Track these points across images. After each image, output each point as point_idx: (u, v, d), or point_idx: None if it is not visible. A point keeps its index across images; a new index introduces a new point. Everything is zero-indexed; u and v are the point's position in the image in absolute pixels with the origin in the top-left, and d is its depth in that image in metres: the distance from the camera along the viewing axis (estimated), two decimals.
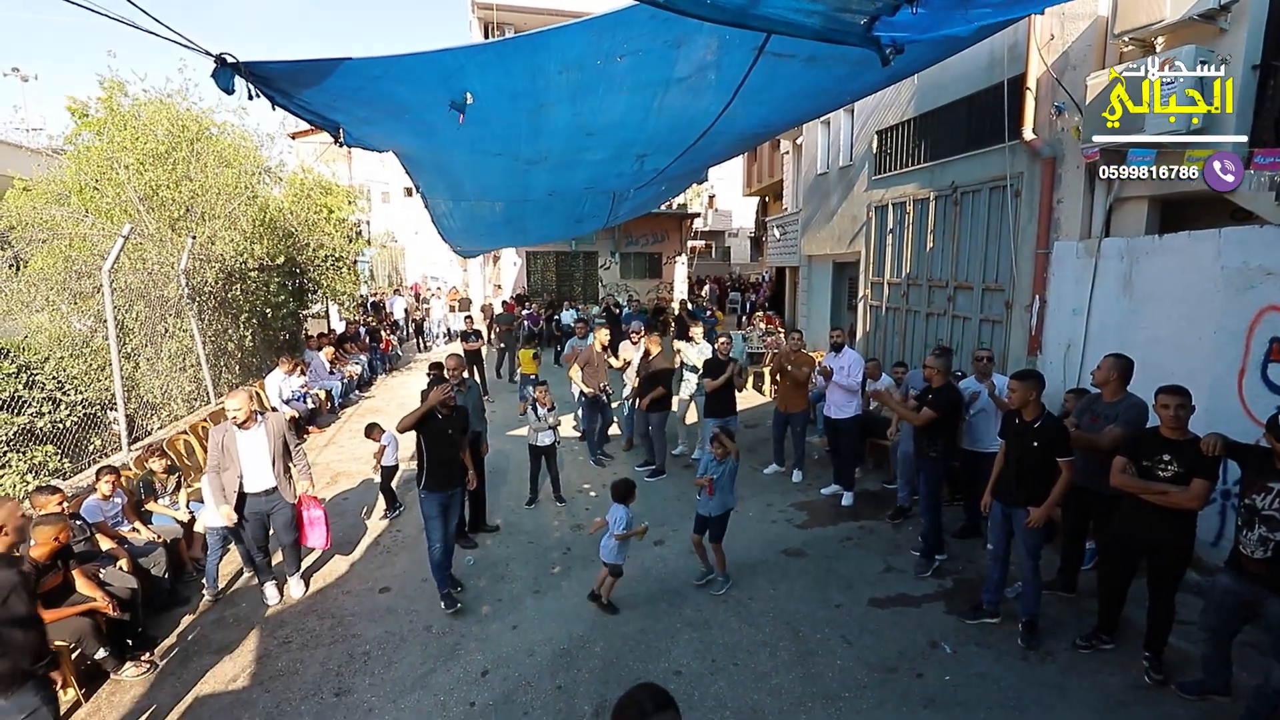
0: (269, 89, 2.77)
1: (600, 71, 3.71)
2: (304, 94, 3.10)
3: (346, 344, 12.99)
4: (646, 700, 1.57)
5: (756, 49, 3.71)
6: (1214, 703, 3.29)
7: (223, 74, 2.44)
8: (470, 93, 3.48)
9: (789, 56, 3.93)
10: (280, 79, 2.84)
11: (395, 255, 27.61)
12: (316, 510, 4.81)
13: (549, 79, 3.72)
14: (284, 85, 2.92)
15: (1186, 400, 3.35)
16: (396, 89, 3.42)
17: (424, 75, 3.33)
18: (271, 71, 2.72)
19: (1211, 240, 4.61)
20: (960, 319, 7.79)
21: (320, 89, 3.11)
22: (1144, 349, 5.01)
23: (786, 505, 6.15)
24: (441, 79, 3.39)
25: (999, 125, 6.64)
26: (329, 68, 2.90)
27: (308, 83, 3.03)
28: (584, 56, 3.51)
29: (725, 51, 3.73)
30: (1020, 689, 3.52)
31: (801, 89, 4.70)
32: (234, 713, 3.53)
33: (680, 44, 3.54)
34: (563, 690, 3.62)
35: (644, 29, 3.27)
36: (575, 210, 7.44)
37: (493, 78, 3.50)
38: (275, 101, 2.87)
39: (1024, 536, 3.83)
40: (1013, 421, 3.95)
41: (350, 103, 3.46)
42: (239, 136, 9.81)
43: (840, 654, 3.86)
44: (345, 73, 2.98)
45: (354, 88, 3.24)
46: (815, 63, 4.14)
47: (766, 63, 3.89)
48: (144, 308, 7.37)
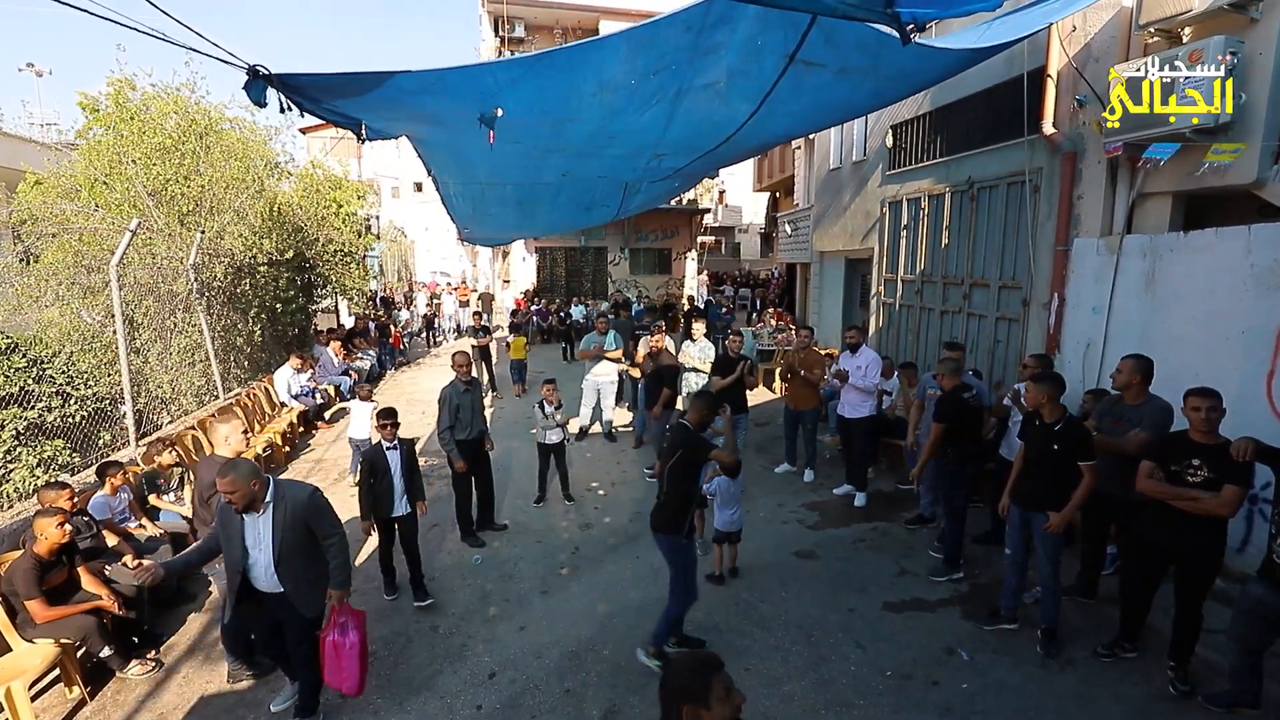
0: (300, 98, 2.74)
1: (634, 90, 3.64)
2: (335, 101, 3.07)
3: (356, 339, 13.00)
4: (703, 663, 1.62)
5: (787, 57, 3.60)
6: (1242, 715, 3.18)
7: (255, 86, 2.40)
8: (502, 108, 3.43)
9: (819, 66, 3.81)
10: (312, 89, 2.80)
11: (405, 250, 27.65)
12: (352, 633, 3.19)
13: (583, 100, 3.67)
14: (315, 94, 2.88)
15: (1218, 403, 3.24)
16: (429, 102, 3.39)
17: (460, 93, 3.30)
18: (304, 83, 2.68)
19: (1241, 237, 4.47)
20: (976, 317, 7.65)
21: (355, 100, 3.09)
22: (1167, 349, 4.88)
23: (798, 505, 6.07)
24: (476, 95, 3.34)
25: (1018, 119, 6.48)
26: (365, 82, 2.88)
27: (340, 94, 3.00)
28: (619, 76, 3.45)
29: (755, 60, 3.62)
30: (1040, 698, 3.43)
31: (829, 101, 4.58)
32: (238, 712, 3.50)
33: (712, 51, 3.44)
34: (571, 694, 3.56)
35: (680, 41, 3.19)
36: (586, 196, 7.34)
37: (527, 95, 3.45)
38: (304, 109, 2.85)
39: (1043, 542, 3.73)
40: (1032, 424, 3.85)
41: (381, 110, 3.42)
42: (248, 131, 9.81)
43: (854, 660, 3.78)
44: (381, 87, 2.94)
45: (390, 100, 3.20)
46: (846, 75, 4.02)
47: (796, 72, 3.77)
48: (153, 302, 7.38)
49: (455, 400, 5.22)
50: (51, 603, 3.54)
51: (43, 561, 3.54)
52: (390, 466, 4.41)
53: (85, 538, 4.04)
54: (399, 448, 4.49)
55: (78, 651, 3.66)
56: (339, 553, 3.18)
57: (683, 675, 1.61)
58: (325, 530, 3.16)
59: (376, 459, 4.40)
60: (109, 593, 3.77)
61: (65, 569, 3.70)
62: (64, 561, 3.69)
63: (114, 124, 8.30)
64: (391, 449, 4.46)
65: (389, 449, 4.46)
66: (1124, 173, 5.67)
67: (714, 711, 1.54)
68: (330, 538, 3.17)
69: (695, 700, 1.55)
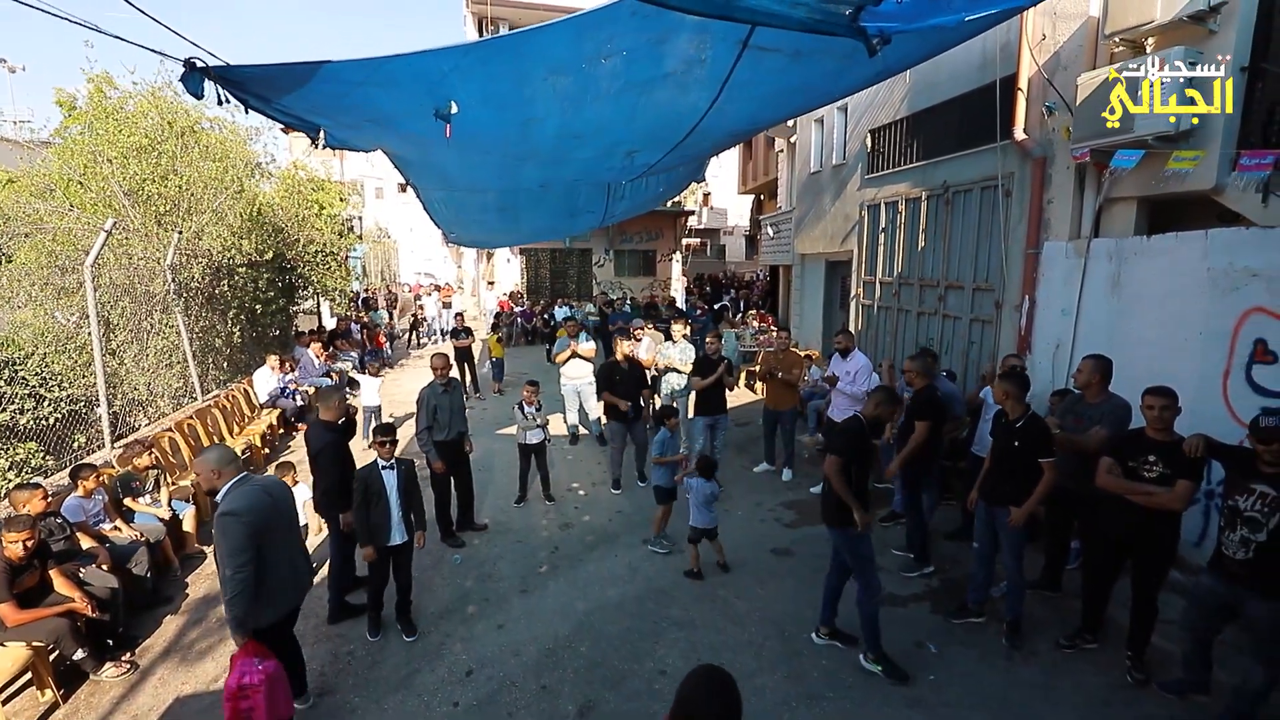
0: (243, 94, 2.72)
1: (586, 75, 3.67)
2: (282, 99, 3.04)
3: (338, 340, 12.92)
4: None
5: (740, 43, 3.68)
6: (1194, 701, 3.31)
7: (192, 79, 2.39)
8: (455, 101, 3.43)
9: (774, 51, 3.89)
10: (254, 83, 2.78)
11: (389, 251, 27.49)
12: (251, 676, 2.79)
13: (535, 86, 3.67)
14: (259, 90, 2.86)
15: (1172, 401, 3.36)
16: (379, 96, 3.35)
17: (406, 81, 3.26)
18: (244, 76, 2.65)
19: (1198, 241, 4.63)
20: (951, 318, 7.80)
21: (298, 95, 3.04)
22: (1131, 349, 5.03)
23: (776, 504, 6.15)
24: (425, 86, 3.33)
25: (991, 125, 6.65)
26: (305, 72, 2.84)
27: (285, 88, 2.96)
28: (568, 60, 3.47)
29: (710, 46, 3.70)
30: (1004, 689, 3.53)
31: (789, 84, 4.67)
32: (214, 713, 3.49)
33: (664, 39, 3.51)
34: (547, 690, 3.61)
35: (627, 26, 3.23)
36: (569, 203, 7.37)
37: (477, 84, 3.44)
38: (250, 105, 2.81)
39: (1006, 536, 3.84)
40: (998, 421, 3.96)
41: (332, 109, 3.40)
42: (229, 131, 9.74)
43: (825, 654, 3.86)
44: (323, 78, 2.91)
45: (334, 94, 3.17)
46: (801, 58, 4.11)
47: (751, 57, 3.85)
48: (129, 303, 7.31)
49: (433, 401, 5.24)
50: (23, 606, 3.52)
51: (13, 565, 3.52)
52: (386, 488, 3.97)
53: (58, 540, 4.01)
54: (396, 468, 4.05)
55: (50, 654, 3.63)
56: (225, 588, 2.84)
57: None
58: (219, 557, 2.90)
59: (370, 480, 3.95)
60: (82, 595, 3.75)
61: (37, 572, 3.67)
62: (35, 565, 3.67)
63: (90, 122, 8.21)
64: (388, 469, 4.02)
65: (385, 469, 4.01)
66: (1091, 178, 5.84)
67: None
68: (221, 568, 2.87)
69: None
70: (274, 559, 3.02)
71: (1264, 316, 4.16)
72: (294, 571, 3.22)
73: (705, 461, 4.88)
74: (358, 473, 4.06)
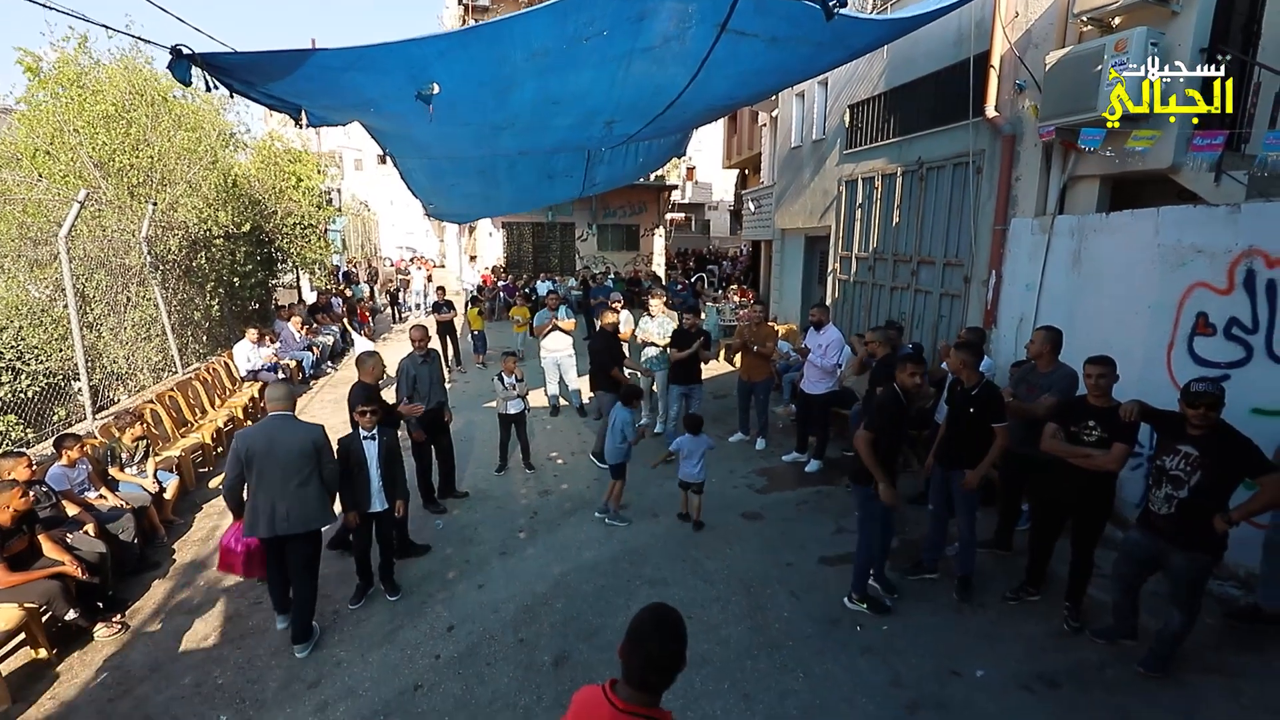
0: (229, 79, 2.78)
1: (566, 54, 3.74)
2: (268, 85, 3.10)
3: (319, 314, 12.89)
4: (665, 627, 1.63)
5: (718, 26, 3.76)
6: (1122, 646, 3.58)
7: (179, 66, 2.45)
8: (437, 83, 3.49)
9: (751, 36, 3.98)
10: (240, 70, 2.84)
11: (369, 224, 27.15)
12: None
13: (515, 66, 3.74)
14: (245, 76, 2.92)
15: (1109, 370, 3.58)
16: (361, 82, 3.42)
17: (389, 68, 3.34)
18: (230, 63, 2.72)
19: (1150, 219, 4.82)
20: (923, 293, 8.00)
21: (284, 81, 3.11)
22: (1089, 323, 5.26)
23: (748, 471, 6.38)
24: (407, 73, 3.40)
25: (964, 102, 6.75)
26: (291, 60, 2.91)
27: (271, 75, 3.03)
28: (549, 43, 3.54)
29: (688, 27, 3.78)
30: (951, 637, 3.79)
31: (766, 65, 4.76)
32: (206, 668, 3.66)
33: (643, 17, 3.58)
34: (525, 643, 3.81)
35: (606, 8, 3.31)
36: (547, 165, 7.37)
37: (459, 67, 3.51)
38: (234, 90, 2.88)
39: (960, 498, 4.07)
40: (955, 389, 4.16)
41: (315, 93, 3.45)
42: (202, 100, 9.57)
43: (787, 608, 4.10)
44: (308, 66, 2.98)
45: (317, 80, 3.23)
46: (777, 43, 4.20)
47: (729, 40, 3.93)
48: (105, 276, 7.28)
49: (413, 371, 5.35)
50: (13, 569, 3.63)
51: (3, 530, 3.62)
52: (367, 458, 4.08)
53: (45, 507, 4.11)
54: (377, 438, 4.14)
55: (43, 615, 3.76)
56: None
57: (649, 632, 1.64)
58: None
59: (352, 448, 4.07)
60: (71, 558, 3.86)
61: (26, 537, 3.78)
62: (24, 530, 3.77)
63: (55, 91, 8.04)
64: (369, 439, 4.11)
65: (366, 438, 4.10)
66: (1058, 156, 5.99)
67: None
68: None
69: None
70: (257, 488, 3.65)
71: (1206, 291, 4.38)
72: (272, 507, 3.64)
73: (691, 419, 5.28)
74: (340, 441, 4.14)
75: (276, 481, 3.63)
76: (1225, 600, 3.99)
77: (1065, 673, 3.45)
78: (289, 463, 3.64)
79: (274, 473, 3.62)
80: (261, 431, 3.68)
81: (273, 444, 3.63)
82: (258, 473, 3.62)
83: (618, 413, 5.25)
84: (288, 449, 3.64)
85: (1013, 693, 3.33)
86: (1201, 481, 3.07)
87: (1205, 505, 3.08)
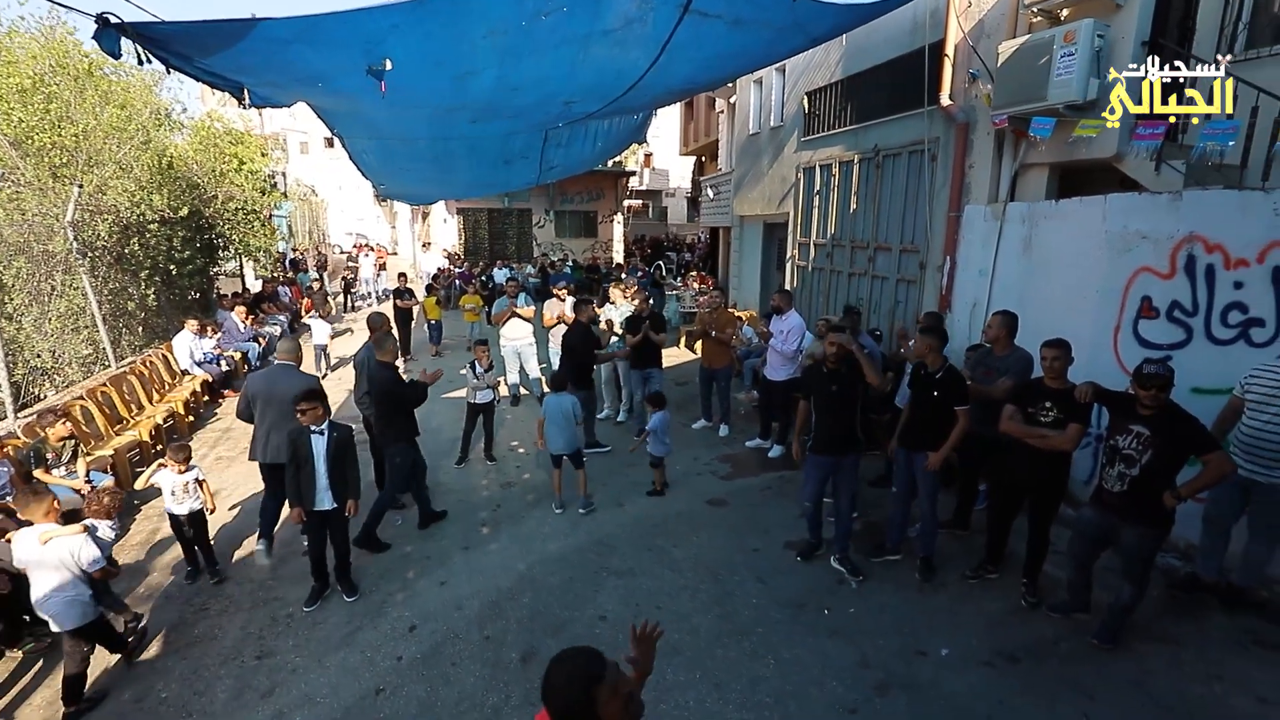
0: (164, 52, 2.54)
1: (525, 32, 3.59)
2: (207, 59, 2.86)
3: (265, 304, 12.33)
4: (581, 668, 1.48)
5: (681, 7, 3.66)
6: (1076, 619, 3.72)
7: (106, 36, 2.20)
8: (390, 59, 3.29)
9: (714, 17, 3.89)
10: (176, 41, 2.60)
11: (317, 210, 26.11)
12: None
13: (474, 44, 3.57)
14: (180, 48, 2.68)
15: (1063, 352, 3.67)
16: (310, 56, 3.19)
17: (341, 41, 3.12)
18: (164, 33, 2.47)
19: (1098, 206, 4.97)
20: (879, 279, 8.13)
21: (225, 54, 2.87)
22: (1040, 308, 5.41)
23: (712, 458, 6.38)
24: (360, 45, 3.18)
25: (920, 90, 6.84)
26: (233, 31, 2.67)
27: (208, 47, 2.79)
28: (508, 18, 3.38)
29: (650, 8, 3.67)
30: (915, 616, 3.87)
31: (728, 50, 4.69)
32: (148, 681, 3.45)
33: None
34: (491, 640, 3.71)
35: None
36: (503, 149, 7.17)
37: (415, 43, 3.32)
38: (170, 65, 2.63)
39: (923, 479, 4.14)
40: (918, 373, 4.22)
41: (258, 68, 3.21)
42: (134, 76, 8.95)
43: (755, 594, 4.11)
44: (251, 38, 2.75)
45: (262, 54, 3.00)
46: (741, 25, 4.13)
47: (692, 21, 3.84)
48: (25, 263, 6.76)
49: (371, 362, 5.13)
50: None
51: None
52: (314, 454, 3.91)
53: None
54: (326, 434, 3.97)
55: None
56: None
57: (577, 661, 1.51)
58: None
59: (299, 443, 3.91)
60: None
61: None
62: None
63: None
64: (316, 434, 3.94)
65: (314, 433, 3.93)
66: (1010, 144, 6.14)
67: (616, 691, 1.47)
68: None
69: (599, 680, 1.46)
70: (259, 420, 4.49)
71: (1150, 275, 4.55)
72: (267, 437, 4.44)
73: (655, 396, 5.69)
74: (289, 431, 4.05)
75: (273, 418, 4.38)
76: (1168, 571, 4.18)
77: (1024, 648, 3.56)
78: (284, 405, 4.20)
79: (271, 412, 4.39)
80: (265, 376, 4.56)
81: (272, 388, 4.42)
82: (259, 411, 4.43)
83: (565, 399, 5.22)
84: (284, 394, 4.26)
85: (975, 669, 3.42)
86: (1152, 460, 3.18)
87: (1156, 483, 3.19)
